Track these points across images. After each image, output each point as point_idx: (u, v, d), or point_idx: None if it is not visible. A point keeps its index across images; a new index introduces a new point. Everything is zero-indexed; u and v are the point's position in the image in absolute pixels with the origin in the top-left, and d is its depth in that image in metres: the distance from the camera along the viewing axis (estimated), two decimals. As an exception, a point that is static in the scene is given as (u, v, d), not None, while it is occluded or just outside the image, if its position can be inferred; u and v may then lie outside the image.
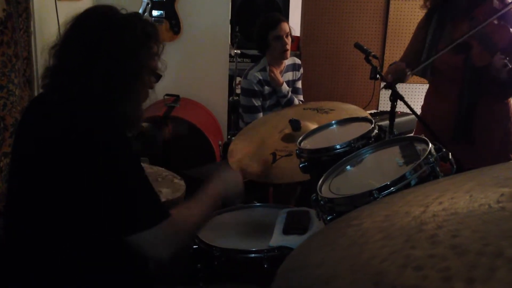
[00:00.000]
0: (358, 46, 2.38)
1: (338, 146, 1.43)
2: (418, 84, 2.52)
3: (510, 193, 0.59)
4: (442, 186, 0.76)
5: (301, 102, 2.97)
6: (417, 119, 2.17)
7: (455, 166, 1.21)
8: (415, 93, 2.46)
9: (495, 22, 1.87)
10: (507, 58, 1.76)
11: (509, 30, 1.86)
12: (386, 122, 2.29)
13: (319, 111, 1.97)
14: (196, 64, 3.47)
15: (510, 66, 1.72)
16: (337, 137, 1.53)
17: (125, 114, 1.33)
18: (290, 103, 2.86)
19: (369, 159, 1.35)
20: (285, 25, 2.81)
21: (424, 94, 2.39)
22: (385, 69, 2.46)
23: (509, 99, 2.12)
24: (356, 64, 3.79)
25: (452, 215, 0.59)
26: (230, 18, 3.60)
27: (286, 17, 3.82)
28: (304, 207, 1.75)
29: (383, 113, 3.01)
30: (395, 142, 1.33)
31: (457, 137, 2.10)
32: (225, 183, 1.51)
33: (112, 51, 1.28)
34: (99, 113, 1.26)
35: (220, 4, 3.46)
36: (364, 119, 1.57)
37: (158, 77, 1.44)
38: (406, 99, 1.97)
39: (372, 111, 3.11)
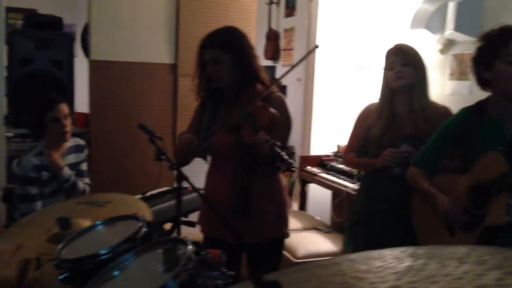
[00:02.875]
0: (141, 127, 2.34)
1: (102, 252, 1.30)
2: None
3: None
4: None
5: (86, 186, 2.79)
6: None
7: (222, 269, 1.20)
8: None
9: (259, 104, 2.01)
10: (269, 135, 1.88)
11: (269, 110, 2.00)
12: (174, 202, 2.25)
13: (94, 205, 1.83)
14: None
15: (271, 142, 1.83)
16: (104, 240, 1.41)
17: None
18: (73, 187, 2.66)
19: (133, 265, 1.25)
20: (63, 106, 2.63)
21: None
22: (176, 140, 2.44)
23: (278, 176, 2.29)
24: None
25: None
26: (5, 94, 3.27)
27: (71, 93, 3.65)
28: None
29: (172, 191, 2.98)
30: (158, 245, 1.27)
31: (235, 211, 2.17)
32: None
33: None
34: None
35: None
36: (132, 217, 1.48)
37: None
38: (197, 173, 1.96)
39: (165, 188, 3.07)
